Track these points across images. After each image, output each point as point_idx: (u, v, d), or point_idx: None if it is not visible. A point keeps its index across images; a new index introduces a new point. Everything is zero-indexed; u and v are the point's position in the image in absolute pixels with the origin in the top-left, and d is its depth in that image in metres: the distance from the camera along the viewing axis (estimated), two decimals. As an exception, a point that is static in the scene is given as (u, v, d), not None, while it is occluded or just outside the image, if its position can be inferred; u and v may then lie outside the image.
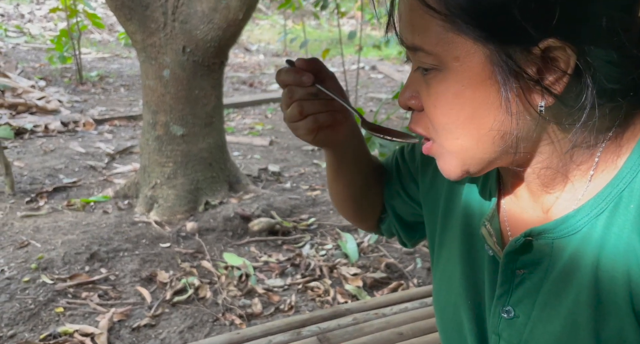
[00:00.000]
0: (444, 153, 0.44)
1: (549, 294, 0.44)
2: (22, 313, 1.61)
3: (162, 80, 2.29)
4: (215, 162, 2.53)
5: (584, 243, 0.42)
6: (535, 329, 0.45)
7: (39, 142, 3.13)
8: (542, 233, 0.44)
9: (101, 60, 5.79)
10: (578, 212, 0.43)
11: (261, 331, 1.06)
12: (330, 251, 2.31)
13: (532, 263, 0.45)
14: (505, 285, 0.47)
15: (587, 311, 0.41)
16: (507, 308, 0.47)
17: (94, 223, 2.22)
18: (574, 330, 0.42)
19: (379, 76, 6.26)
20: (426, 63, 0.41)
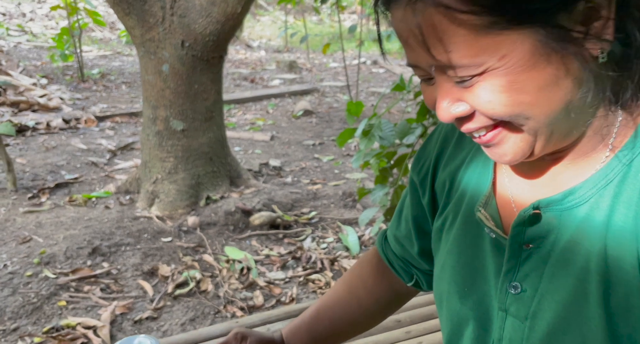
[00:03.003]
0: (510, 137, 0.42)
1: (556, 265, 0.44)
2: (25, 306, 1.63)
3: (161, 75, 2.29)
4: (216, 156, 2.54)
5: (591, 213, 0.42)
6: (543, 300, 0.44)
7: (40, 139, 3.15)
8: (550, 205, 0.44)
9: (102, 57, 5.81)
10: (586, 183, 0.43)
11: (260, 320, 1.06)
12: (332, 244, 2.31)
13: (539, 236, 0.45)
14: (512, 260, 0.46)
15: (596, 278, 0.41)
16: (515, 284, 0.46)
17: (96, 218, 2.23)
18: (583, 298, 0.42)
19: (380, 71, 6.24)
20: (465, 76, 0.39)
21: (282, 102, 4.70)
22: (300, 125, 3.96)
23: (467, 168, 0.54)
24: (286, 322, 1.07)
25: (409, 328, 1.05)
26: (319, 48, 7.43)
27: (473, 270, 0.51)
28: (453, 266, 0.53)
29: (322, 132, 3.80)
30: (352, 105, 2.33)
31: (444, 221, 0.56)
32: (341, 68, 6.31)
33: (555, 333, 0.43)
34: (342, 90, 5.21)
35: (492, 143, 0.43)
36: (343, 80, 5.54)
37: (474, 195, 0.52)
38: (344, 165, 3.16)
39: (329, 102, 4.80)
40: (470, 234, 0.52)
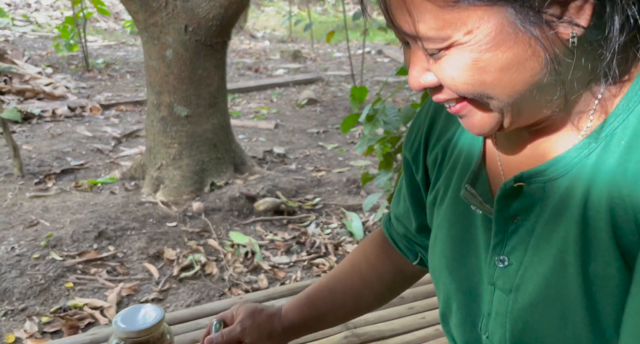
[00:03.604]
0: (476, 112, 0.42)
1: (540, 237, 0.44)
2: (33, 287, 1.65)
3: (165, 60, 2.29)
4: (220, 143, 2.54)
5: (573, 182, 0.42)
6: (526, 273, 0.44)
7: (46, 126, 3.16)
8: (533, 177, 0.44)
9: (107, 47, 5.81)
10: (569, 152, 0.42)
11: (264, 296, 1.07)
12: (336, 229, 2.31)
13: (524, 208, 0.45)
14: (500, 234, 0.46)
15: (575, 248, 0.41)
16: (502, 257, 0.46)
17: (102, 203, 2.25)
18: (562, 269, 0.42)
19: (385, 60, 6.20)
20: (433, 49, 0.39)
21: (286, 91, 4.69)
22: (305, 114, 3.96)
23: (458, 140, 0.53)
24: (288, 298, 1.08)
25: (412, 304, 1.05)
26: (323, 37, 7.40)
27: (463, 244, 0.51)
28: (443, 240, 0.53)
29: (327, 121, 3.80)
30: (356, 91, 2.32)
31: (435, 195, 0.56)
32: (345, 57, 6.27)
33: (537, 305, 0.43)
34: (346, 80, 5.19)
35: (460, 114, 0.43)
36: (347, 69, 5.51)
37: (463, 168, 0.51)
38: (347, 152, 3.16)
39: (334, 91, 4.79)
40: (461, 208, 0.51)
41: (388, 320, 0.99)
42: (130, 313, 0.74)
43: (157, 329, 0.73)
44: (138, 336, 0.70)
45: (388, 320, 0.99)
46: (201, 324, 0.98)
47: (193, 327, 0.97)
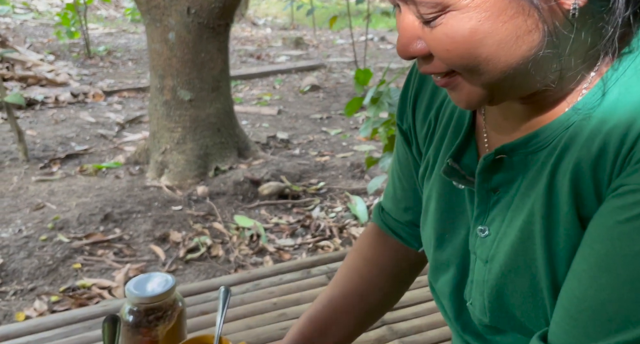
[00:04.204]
0: (465, 86, 0.40)
1: (515, 209, 0.43)
2: (41, 268, 1.66)
3: (167, 43, 2.28)
4: (223, 127, 2.54)
5: (548, 155, 0.41)
6: (500, 243, 0.44)
7: (49, 112, 3.16)
8: (515, 149, 0.43)
9: (108, 35, 5.78)
10: (551, 124, 0.41)
11: (271, 271, 1.07)
12: (340, 213, 2.32)
13: (506, 181, 0.44)
14: (482, 206, 0.46)
15: (540, 221, 0.41)
16: (483, 228, 0.46)
17: (107, 187, 2.26)
18: (529, 239, 0.42)
19: (388, 47, 6.16)
20: (427, 14, 0.36)
21: (289, 78, 4.66)
22: (308, 100, 3.94)
23: (447, 109, 0.51)
24: (297, 273, 1.08)
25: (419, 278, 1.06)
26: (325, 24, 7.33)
27: (453, 215, 0.50)
28: (433, 212, 0.52)
29: (330, 107, 3.78)
30: (360, 73, 2.31)
31: (425, 167, 0.54)
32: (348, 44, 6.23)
33: (508, 274, 0.43)
34: (349, 66, 5.16)
35: (447, 87, 0.41)
36: (350, 56, 5.47)
37: (450, 140, 0.50)
38: (351, 138, 3.15)
39: (336, 77, 4.76)
40: (449, 183, 0.50)
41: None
42: (143, 280, 0.74)
43: (169, 295, 0.74)
44: (151, 301, 0.71)
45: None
46: (210, 296, 0.99)
47: (202, 300, 0.98)
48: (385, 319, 0.93)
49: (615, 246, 0.35)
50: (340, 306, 0.60)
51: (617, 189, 0.36)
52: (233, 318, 0.92)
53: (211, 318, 0.92)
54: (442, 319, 0.96)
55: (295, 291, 1.01)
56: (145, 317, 0.72)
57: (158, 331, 0.72)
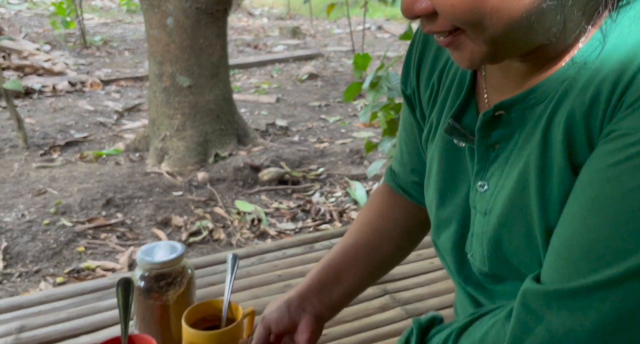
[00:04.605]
0: (467, 44, 0.40)
1: (513, 163, 0.45)
2: (45, 251, 1.68)
3: (166, 29, 2.28)
4: (223, 114, 2.55)
5: (545, 108, 0.42)
6: (498, 196, 0.46)
7: (47, 101, 3.16)
8: (513, 105, 0.44)
9: (104, 25, 5.74)
10: (548, 79, 0.42)
11: (275, 246, 1.09)
12: (340, 198, 2.34)
13: (505, 137, 0.45)
14: (482, 162, 0.47)
15: (535, 171, 0.42)
16: (482, 183, 0.48)
17: (108, 173, 2.27)
18: (524, 189, 0.43)
19: (385, 36, 6.15)
20: None
21: (287, 66, 4.66)
22: (306, 88, 3.95)
23: (450, 71, 0.53)
24: (300, 248, 1.10)
25: (421, 251, 1.08)
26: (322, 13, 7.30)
27: (454, 174, 0.52)
28: (436, 172, 0.54)
29: (328, 95, 3.79)
30: (359, 58, 2.31)
31: (429, 129, 0.55)
32: (345, 34, 6.21)
33: (505, 224, 0.45)
34: (347, 55, 5.15)
35: (451, 47, 0.42)
36: (347, 45, 5.46)
37: (453, 101, 0.51)
38: (350, 125, 3.16)
39: (334, 66, 4.76)
40: (451, 140, 0.52)
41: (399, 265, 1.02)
42: (153, 247, 0.76)
43: (178, 262, 0.76)
44: (161, 267, 0.73)
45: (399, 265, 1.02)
46: (217, 270, 1.01)
47: (210, 272, 1.00)
48: (388, 289, 0.96)
49: (604, 189, 0.36)
50: (354, 255, 0.63)
51: (609, 135, 0.37)
52: (240, 288, 0.94)
53: (218, 288, 0.94)
54: (443, 288, 0.99)
55: (299, 264, 1.03)
56: (156, 283, 0.74)
57: (169, 296, 0.75)
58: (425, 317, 0.49)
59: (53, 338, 0.78)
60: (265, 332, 0.62)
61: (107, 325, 0.81)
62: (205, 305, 0.74)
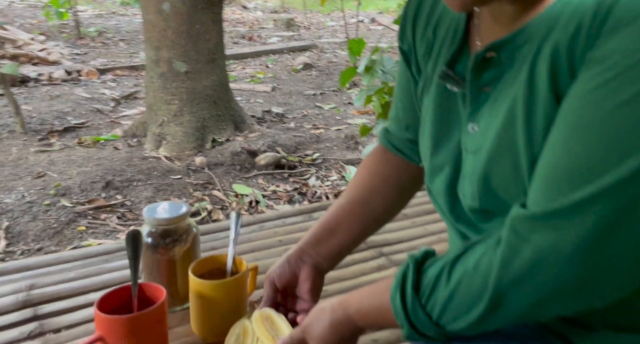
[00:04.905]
0: None
1: (502, 101, 0.47)
2: (47, 230, 1.70)
3: (162, 14, 2.29)
4: (219, 100, 2.57)
5: (531, 47, 0.44)
6: (487, 134, 0.48)
7: (43, 89, 3.16)
8: (503, 45, 0.46)
9: (98, 17, 5.72)
10: (535, 19, 0.44)
11: (275, 215, 1.13)
12: (335, 181, 2.38)
13: (495, 78, 0.47)
14: (473, 104, 0.49)
15: (522, 105, 0.44)
16: (473, 125, 0.50)
17: (106, 157, 2.29)
18: (512, 122, 0.45)
19: (378, 28, 6.17)
20: None
21: (281, 57, 4.67)
22: (301, 78, 3.97)
23: (443, 25, 0.55)
24: (299, 217, 1.14)
25: (415, 219, 1.12)
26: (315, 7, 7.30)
27: (447, 121, 0.54)
28: (431, 121, 0.56)
29: (323, 84, 3.82)
30: (354, 43, 2.34)
31: (425, 81, 0.58)
32: (339, 26, 6.22)
33: (493, 159, 0.47)
34: (340, 46, 5.17)
35: None
36: (341, 37, 5.48)
37: (447, 50, 0.54)
38: (344, 112, 3.20)
39: (328, 57, 4.78)
40: (445, 88, 0.54)
41: (394, 231, 1.07)
42: (160, 205, 0.80)
43: (183, 219, 0.79)
44: (168, 224, 0.77)
45: (394, 231, 1.07)
46: (218, 236, 1.05)
47: (211, 239, 1.04)
48: (384, 252, 1.00)
49: (584, 113, 0.38)
50: (347, 211, 0.67)
51: (589, 62, 0.39)
52: (241, 252, 0.98)
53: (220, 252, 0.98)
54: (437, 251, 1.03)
55: (298, 231, 1.07)
56: (163, 239, 0.77)
57: (175, 252, 0.78)
58: (420, 251, 0.51)
59: (63, 294, 0.81)
60: (272, 288, 0.66)
61: (115, 284, 0.85)
62: (210, 259, 0.77)
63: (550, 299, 0.40)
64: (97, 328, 0.61)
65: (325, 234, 0.66)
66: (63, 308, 0.77)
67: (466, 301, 0.44)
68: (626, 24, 0.36)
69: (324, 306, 0.56)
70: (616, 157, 0.37)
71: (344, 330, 0.54)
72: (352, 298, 0.54)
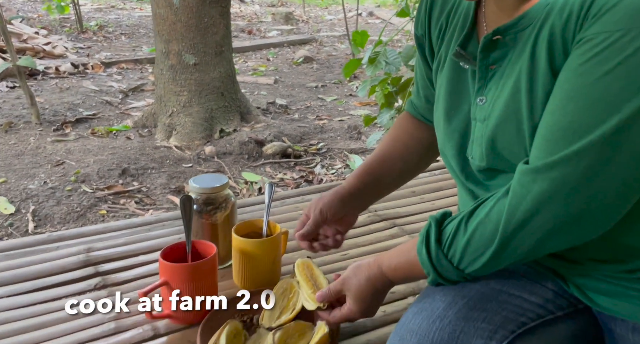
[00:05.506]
0: None
1: (507, 77, 0.55)
2: (71, 214, 1.80)
3: (172, 8, 2.38)
4: (227, 91, 2.66)
5: (532, 29, 0.52)
6: (494, 104, 0.56)
7: (52, 82, 3.23)
8: (507, 29, 0.54)
9: (97, 11, 5.76)
10: (534, 7, 0.52)
11: (295, 193, 1.24)
12: (340, 169, 2.49)
13: (500, 57, 0.55)
14: (482, 80, 0.57)
15: (525, 77, 0.52)
16: (482, 97, 0.58)
17: (120, 146, 2.38)
18: (516, 93, 0.53)
19: (376, 21, 6.26)
20: None
21: (282, 51, 4.76)
22: (302, 71, 4.06)
23: (456, 12, 0.65)
24: (317, 194, 1.25)
25: (423, 196, 1.23)
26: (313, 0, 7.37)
27: (459, 94, 0.62)
28: (444, 95, 0.64)
29: (324, 76, 3.91)
30: (357, 35, 2.44)
31: (439, 61, 0.66)
32: (337, 20, 6.30)
33: (499, 124, 0.55)
34: (339, 40, 5.26)
35: None
36: (339, 30, 5.57)
37: (459, 33, 0.63)
38: (347, 104, 3.30)
39: (328, 50, 4.87)
40: (456, 66, 0.62)
41: (405, 206, 1.18)
42: (203, 177, 0.90)
43: (224, 188, 0.90)
44: (211, 192, 0.87)
45: (405, 206, 1.18)
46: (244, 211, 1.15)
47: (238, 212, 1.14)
48: (397, 223, 1.11)
49: (577, 81, 0.47)
50: (388, 164, 0.79)
51: (579, 42, 0.47)
52: (268, 223, 1.09)
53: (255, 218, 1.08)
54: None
55: (317, 206, 1.18)
56: (205, 206, 0.88)
57: (217, 217, 0.89)
58: (439, 213, 0.59)
59: (116, 256, 0.92)
60: (322, 217, 0.77)
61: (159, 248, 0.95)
62: (248, 223, 0.88)
63: (549, 237, 0.50)
64: (161, 275, 0.72)
65: (371, 183, 0.79)
66: (119, 267, 0.88)
67: (481, 245, 0.53)
68: (606, 10, 0.45)
69: (361, 263, 0.67)
70: (601, 117, 0.45)
71: (378, 283, 0.64)
72: (384, 257, 0.64)
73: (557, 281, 0.61)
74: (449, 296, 0.57)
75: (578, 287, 0.59)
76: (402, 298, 0.83)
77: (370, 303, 0.66)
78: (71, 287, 0.81)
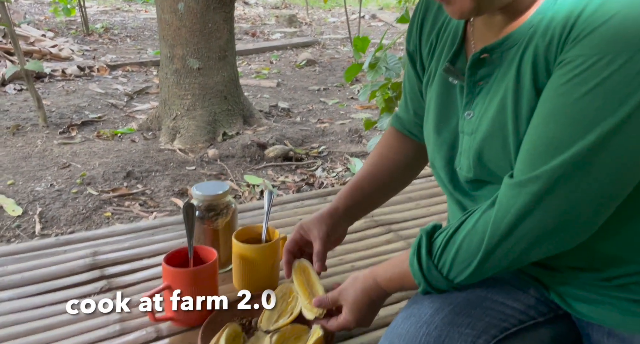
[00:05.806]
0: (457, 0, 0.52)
1: (494, 93, 0.57)
2: (77, 215, 1.84)
3: (177, 14, 2.42)
4: (230, 95, 2.70)
5: (517, 49, 0.54)
6: (482, 119, 0.59)
7: (59, 84, 3.28)
8: (494, 48, 0.56)
9: (103, 13, 5.82)
10: (520, 28, 0.54)
11: (293, 198, 1.27)
12: (341, 172, 2.52)
13: (487, 74, 0.58)
14: (469, 95, 0.60)
15: (511, 95, 0.54)
16: (469, 112, 0.60)
17: (124, 149, 2.42)
18: (503, 110, 0.56)
19: (379, 24, 6.29)
20: None
21: (285, 53, 4.80)
22: (305, 74, 4.10)
23: (446, 29, 0.68)
24: (316, 200, 1.28)
25: (419, 201, 1.26)
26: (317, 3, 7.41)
27: (448, 108, 0.65)
28: (433, 108, 0.67)
29: (326, 80, 3.95)
30: (358, 41, 2.47)
31: (429, 76, 0.68)
32: (340, 22, 6.34)
33: (486, 139, 0.58)
34: (342, 43, 5.29)
35: (445, 2, 0.54)
36: (342, 33, 5.60)
37: (448, 50, 0.65)
38: (348, 107, 3.33)
39: (330, 53, 4.90)
40: (446, 81, 0.64)
41: (401, 212, 1.21)
42: (204, 185, 0.94)
43: (224, 196, 0.93)
44: (213, 199, 0.91)
45: (401, 212, 1.21)
46: (244, 216, 1.19)
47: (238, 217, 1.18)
48: (392, 228, 1.14)
49: (558, 100, 0.50)
50: (376, 180, 0.83)
51: (560, 63, 0.50)
52: (267, 228, 1.12)
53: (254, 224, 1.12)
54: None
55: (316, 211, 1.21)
56: (207, 212, 0.92)
57: (218, 223, 0.92)
58: (429, 225, 0.63)
59: (121, 259, 0.95)
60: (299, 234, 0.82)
61: (163, 252, 0.99)
62: (248, 229, 0.92)
63: (532, 247, 0.53)
64: (164, 279, 0.76)
65: (359, 198, 0.83)
66: (124, 270, 0.91)
67: (468, 255, 0.56)
68: (585, 35, 0.49)
69: (357, 275, 0.70)
70: (580, 134, 0.48)
71: (373, 294, 0.68)
72: (379, 269, 0.67)
73: (540, 289, 0.64)
74: (436, 303, 0.60)
75: (559, 294, 0.62)
76: (395, 302, 0.86)
77: (365, 313, 0.69)
78: (78, 290, 0.85)
